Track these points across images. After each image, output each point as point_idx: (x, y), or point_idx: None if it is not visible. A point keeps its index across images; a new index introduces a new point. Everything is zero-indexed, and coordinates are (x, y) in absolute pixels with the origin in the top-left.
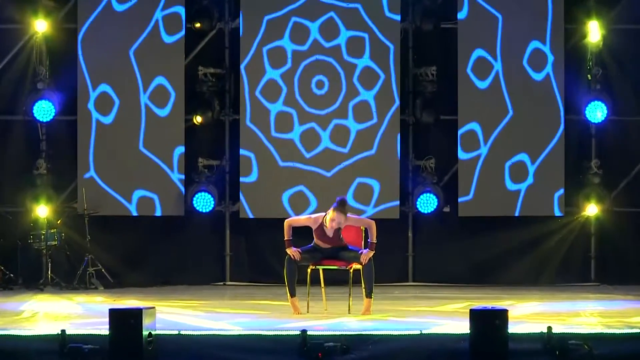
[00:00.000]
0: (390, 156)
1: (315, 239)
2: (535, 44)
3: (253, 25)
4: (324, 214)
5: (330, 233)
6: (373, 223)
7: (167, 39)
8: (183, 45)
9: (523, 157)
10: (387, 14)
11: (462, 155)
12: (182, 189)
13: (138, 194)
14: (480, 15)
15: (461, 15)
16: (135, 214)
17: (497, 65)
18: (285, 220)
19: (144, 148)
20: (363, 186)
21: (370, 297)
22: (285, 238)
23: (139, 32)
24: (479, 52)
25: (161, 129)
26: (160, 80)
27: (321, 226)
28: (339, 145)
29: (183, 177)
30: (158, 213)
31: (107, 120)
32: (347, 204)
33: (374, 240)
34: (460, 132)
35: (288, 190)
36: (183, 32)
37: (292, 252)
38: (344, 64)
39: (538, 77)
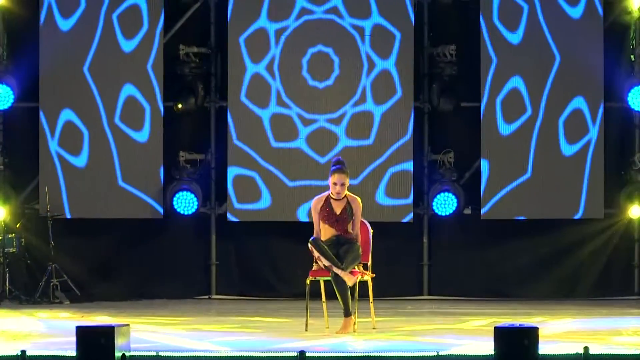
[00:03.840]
0: (401, 149)
1: (321, 225)
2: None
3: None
4: (325, 192)
5: (338, 209)
6: (360, 245)
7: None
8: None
9: None
10: None
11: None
12: (161, 186)
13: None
14: None
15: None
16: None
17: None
18: (310, 240)
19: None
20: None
21: (350, 316)
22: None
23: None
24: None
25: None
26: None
27: (327, 202)
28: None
29: (162, 173)
30: (133, 215)
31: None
32: (344, 163)
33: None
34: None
35: (287, 185)
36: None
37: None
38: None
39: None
